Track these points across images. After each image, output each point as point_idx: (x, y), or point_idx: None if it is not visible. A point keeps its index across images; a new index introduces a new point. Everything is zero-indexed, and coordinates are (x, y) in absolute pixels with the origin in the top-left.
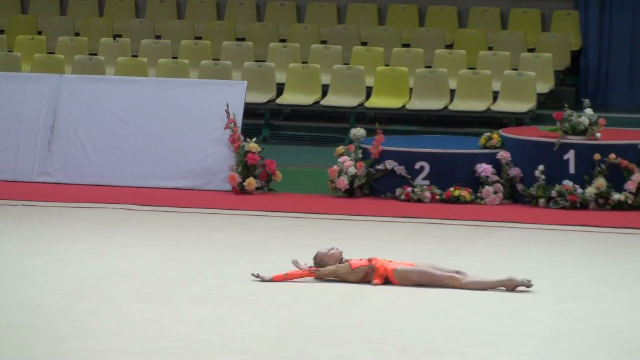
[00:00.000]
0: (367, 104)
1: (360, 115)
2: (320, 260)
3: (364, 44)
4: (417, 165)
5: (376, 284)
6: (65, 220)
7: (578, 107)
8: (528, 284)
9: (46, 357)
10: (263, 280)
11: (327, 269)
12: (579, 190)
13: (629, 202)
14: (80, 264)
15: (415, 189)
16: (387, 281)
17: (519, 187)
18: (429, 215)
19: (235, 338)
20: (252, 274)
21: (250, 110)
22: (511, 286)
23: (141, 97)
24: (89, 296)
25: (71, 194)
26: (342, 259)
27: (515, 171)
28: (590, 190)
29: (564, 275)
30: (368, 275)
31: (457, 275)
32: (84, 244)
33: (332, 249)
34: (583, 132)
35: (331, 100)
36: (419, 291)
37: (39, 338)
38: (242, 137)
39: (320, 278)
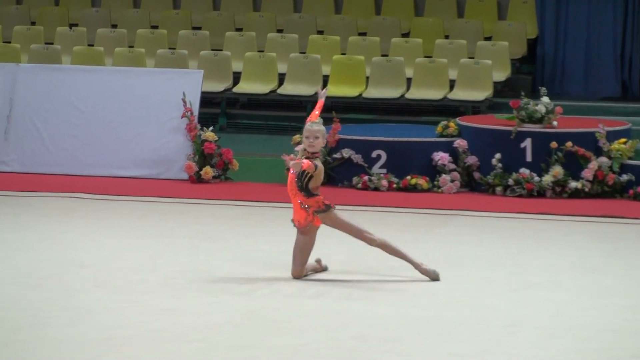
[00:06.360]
0: None
1: None
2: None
3: (320, 32)
4: (374, 154)
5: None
6: (20, 209)
7: (534, 96)
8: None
9: (2, 346)
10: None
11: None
12: (536, 179)
13: (586, 190)
14: (35, 253)
15: (372, 178)
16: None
17: (476, 175)
18: (385, 204)
19: (191, 327)
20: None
21: (207, 99)
22: (422, 271)
23: (97, 86)
24: (45, 285)
25: (27, 183)
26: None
27: (472, 159)
28: (547, 179)
29: (520, 263)
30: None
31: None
32: (39, 233)
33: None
34: (540, 120)
35: (288, 89)
36: (375, 281)
37: None
38: (198, 126)
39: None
